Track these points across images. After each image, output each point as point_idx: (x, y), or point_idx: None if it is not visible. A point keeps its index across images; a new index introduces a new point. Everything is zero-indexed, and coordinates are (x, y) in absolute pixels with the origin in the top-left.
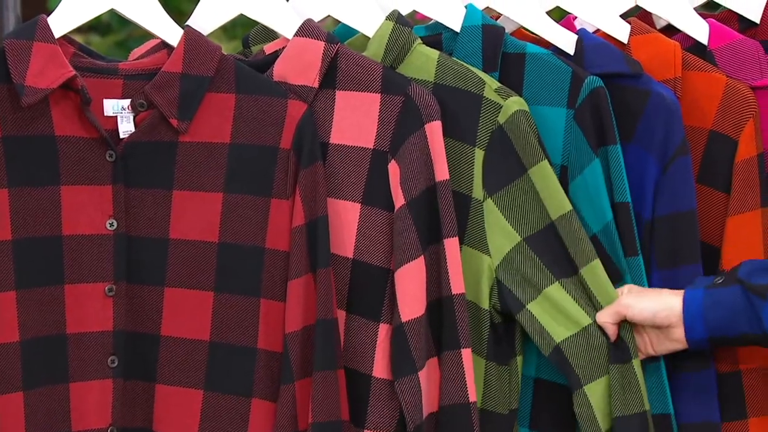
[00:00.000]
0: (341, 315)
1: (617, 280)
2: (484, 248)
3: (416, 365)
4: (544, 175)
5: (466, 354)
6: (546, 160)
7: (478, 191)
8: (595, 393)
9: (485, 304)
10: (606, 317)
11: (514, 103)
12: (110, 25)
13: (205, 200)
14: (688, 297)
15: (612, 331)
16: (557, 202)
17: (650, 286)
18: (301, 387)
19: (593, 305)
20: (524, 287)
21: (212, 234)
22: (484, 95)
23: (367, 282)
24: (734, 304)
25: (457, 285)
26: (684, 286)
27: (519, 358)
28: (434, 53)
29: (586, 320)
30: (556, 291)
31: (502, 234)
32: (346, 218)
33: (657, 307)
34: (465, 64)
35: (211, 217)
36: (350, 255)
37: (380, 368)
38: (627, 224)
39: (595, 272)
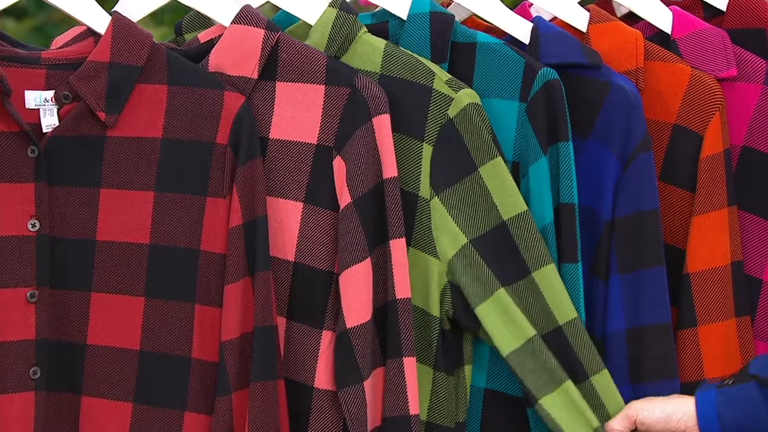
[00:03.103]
0: (281, 322)
1: None
2: (431, 250)
3: (362, 374)
4: (496, 173)
5: (409, 363)
6: (500, 157)
7: (425, 189)
8: (553, 405)
9: (434, 311)
10: (616, 425)
11: (466, 96)
12: (26, 9)
13: (135, 199)
14: (700, 399)
15: None
16: (511, 202)
17: (610, 290)
18: (239, 399)
19: (544, 310)
20: (472, 290)
21: (143, 235)
22: (434, 87)
23: (310, 286)
24: (750, 402)
25: (402, 289)
26: (647, 290)
27: (467, 368)
28: (381, 42)
29: (531, 331)
30: (502, 297)
31: (448, 235)
32: (287, 218)
33: (671, 410)
34: (414, 55)
35: (141, 218)
36: (291, 258)
37: (322, 378)
38: (569, 228)
39: (548, 276)
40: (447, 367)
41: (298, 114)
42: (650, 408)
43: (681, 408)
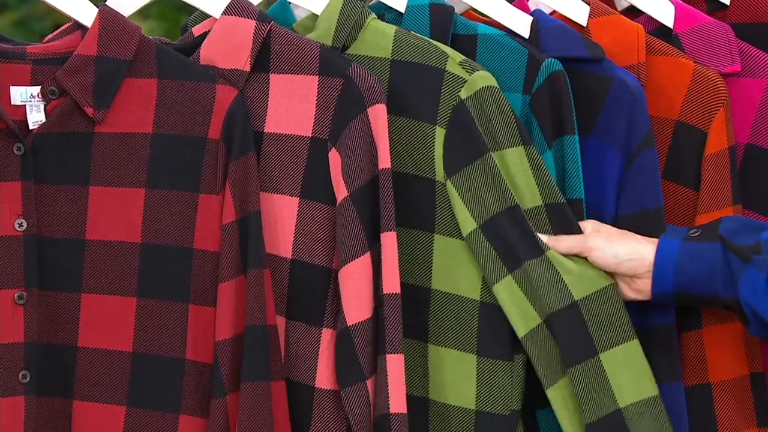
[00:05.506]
0: (281, 322)
1: None
2: (457, 233)
3: (364, 373)
4: (515, 161)
5: (392, 360)
6: (521, 146)
7: (440, 173)
8: (555, 399)
9: (473, 294)
10: (563, 250)
11: (482, 79)
12: (7, 1)
13: (125, 197)
14: (662, 246)
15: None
16: (527, 192)
17: None
18: (234, 401)
19: (554, 288)
20: (488, 273)
21: (134, 234)
22: (447, 69)
23: (308, 284)
24: (712, 262)
25: (390, 284)
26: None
27: (523, 355)
28: (391, 28)
29: (535, 321)
30: (509, 283)
31: (462, 219)
32: (283, 214)
33: (626, 254)
34: (425, 38)
35: (132, 216)
36: (288, 255)
37: (323, 378)
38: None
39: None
40: (496, 353)
41: (292, 106)
42: (604, 248)
43: (637, 253)
